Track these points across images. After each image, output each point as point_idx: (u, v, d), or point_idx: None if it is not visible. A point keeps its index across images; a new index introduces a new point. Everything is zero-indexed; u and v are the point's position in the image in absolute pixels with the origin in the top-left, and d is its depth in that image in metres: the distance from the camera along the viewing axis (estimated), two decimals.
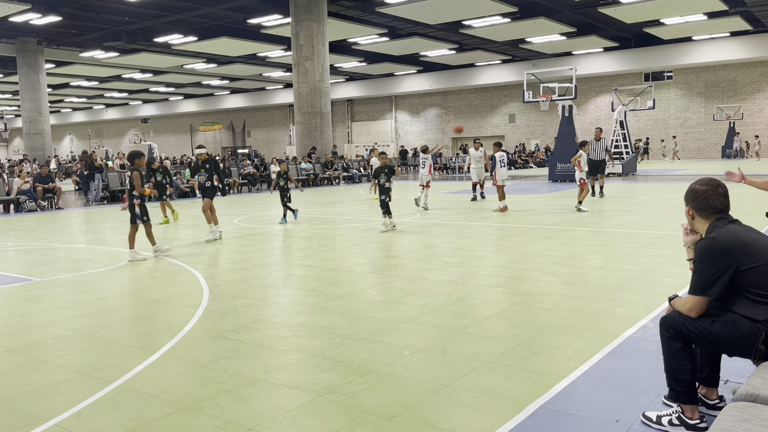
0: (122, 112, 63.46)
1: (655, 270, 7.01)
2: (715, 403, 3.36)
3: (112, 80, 43.92)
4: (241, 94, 54.74)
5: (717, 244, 3.04)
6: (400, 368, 4.12)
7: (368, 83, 48.13)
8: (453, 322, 5.13)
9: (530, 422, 3.29)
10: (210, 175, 10.69)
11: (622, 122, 27.71)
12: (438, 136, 48.21)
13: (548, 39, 33.17)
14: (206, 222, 10.70)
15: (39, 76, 33.01)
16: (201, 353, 4.56)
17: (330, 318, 5.39)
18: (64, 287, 7.14)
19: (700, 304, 3.07)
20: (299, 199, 17.87)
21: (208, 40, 30.31)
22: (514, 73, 40.68)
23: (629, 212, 12.63)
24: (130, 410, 3.58)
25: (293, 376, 4.04)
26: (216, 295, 6.40)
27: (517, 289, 6.29)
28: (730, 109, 36.99)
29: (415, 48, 35.21)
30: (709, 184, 3.19)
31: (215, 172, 10.72)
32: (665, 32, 32.76)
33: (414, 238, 10.11)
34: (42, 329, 5.34)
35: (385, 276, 7.11)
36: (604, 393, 3.63)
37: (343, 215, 14.05)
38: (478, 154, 16.29)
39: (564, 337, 4.69)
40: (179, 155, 50.80)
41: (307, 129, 27.22)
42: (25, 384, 4.07)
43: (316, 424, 3.33)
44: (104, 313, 5.85)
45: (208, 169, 10.71)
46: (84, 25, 28.01)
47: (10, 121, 57.83)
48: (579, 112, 34.57)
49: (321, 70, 26.46)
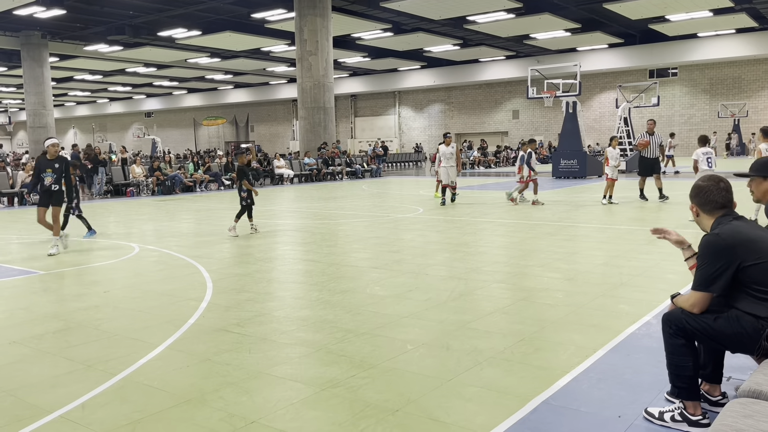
0: (126, 106, 63.50)
1: (658, 267, 7.01)
2: (717, 400, 3.36)
3: (116, 74, 43.96)
4: (245, 88, 54.72)
5: (720, 240, 3.04)
6: (403, 363, 4.14)
7: (372, 78, 48.06)
8: (456, 318, 5.14)
9: (532, 417, 3.30)
10: (59, 177, 8.94)
11: (626, 119, 27.65)
12: (441, 132, 48.11)
13: (553, 35, 33.07)
14: (53, 233, 9.01)
15: (43, 70, 33.05)
16: (205, 346, 4.57)
17: (333, 312, 5.41)
18: (69, 280, 7.16)
19: (703, 300, 3.07)
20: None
21: (211, 34, 30.30)
22: (518, 69, 40.57)
23: (635, 210, 12.61)
24: (134, 402, 3.60)
25: (296, 370, 4.06)
26: (220, 289, 6.41)
27: (520, 285, 6.29)
28: (735, 107, 36.86)
29: (419, 43, 35.15)
30: (710, 179, 3.22)
31: (64, 174, 9.01)
32: (670, 29, 32.64)
33: (417, 233, 10.12)
34: (47, 321, 5.37)
35: (388, 271, 7.12)
36: (607, 389, 3.64)
37: (346, 210, 14.06)
38: (449, 151, 14.39)
39: (566, 333, 4.70)
40: (183, 150, 50.92)
41: (310, 124, 27.21)
42: (30, 375, 4.09)
43: (319, 418, 3.34)
44: (108, 305, 5.87)
45: (57, 169, 8.92)
46: (88, 18, 28.01)
47: (14, 115, 58.08)
48: (583, 108, 34.47)
49: (325, 65, 26.44)
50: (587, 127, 36.35)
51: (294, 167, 25.63)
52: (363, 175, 27.93)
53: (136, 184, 20.13)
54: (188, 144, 59.67)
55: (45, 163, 8.93)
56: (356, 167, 27.81)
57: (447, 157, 14.37)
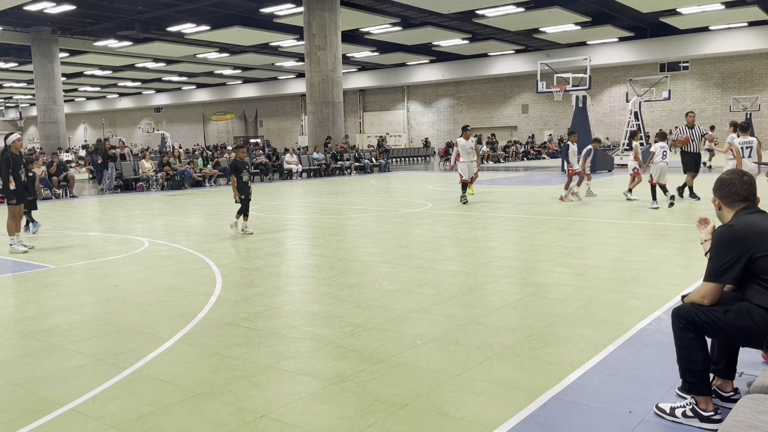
0: (135, 101, 63.76)
1: (669, 262, 6.96)
2: (729, 396, 3.34)
3: (126, 69, 44.11)
4: (254, 83, 54.78)
5: (733, 231, 3.04)
6: (412, 357, 4.13)
7: (380, 73, 47.96)
8: (465, 313, 5.13)
9: (542, 412, 3.28)
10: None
11: (637, 113, 27.43)
12: (450, 127, 48.04)
13: (563, 29, 32.84)
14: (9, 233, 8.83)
15: (53, 65, 33.21)
16: (214, 340, 4.59)
17: (342, 307, 5.41)
18: (79, 274, 7.21)
19: (714, 291, 3.05)
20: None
21: (220, 29, 30.32)
22: (527, 63, 40.34)
23: (644, 204, 12.52)
24: (144, 396, 3.62)
25: (306, 364, 4.06)
26: (229, 284, 6.43)
27: (530, 280, 6.27)
28: (747, 100, 36.50)
29: (427, 37, 35.01)
30: (734, 173, 3.22)
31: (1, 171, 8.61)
32: (682, 22, 32.33)
33: (426, 228, 10.10)
34: (57, 315, 5.40)
35: (397, 266, 7.11)
36: (617, 384, 3.62)
37: (355, 205, 14.06)
38: (469, 145, 13.61)
39: (576, 328, 4.68)
40: (192, 144, 51.09)
41: (319, 119, 27.21)
42: (41, 369, 4.12)
43: (328, 412, 3.34)
44: (118, 300, 5.90)
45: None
46: (98, 14, 28.11)
47: (25, 110, 58.42)
48: (593, 102, 34.27)
49: (333, 59, 26.40)
50: (597, 122, 36.10)
51: (302, 162, 25.65)
52: (371, 170, 27.90)
53: (145, 179, 20.22)
54: (197, 139, 59.87)
55: (19, 160, 8.84)
56: (365, 162, 27.78)
57: (467, 151, 13.58)
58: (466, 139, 13.61)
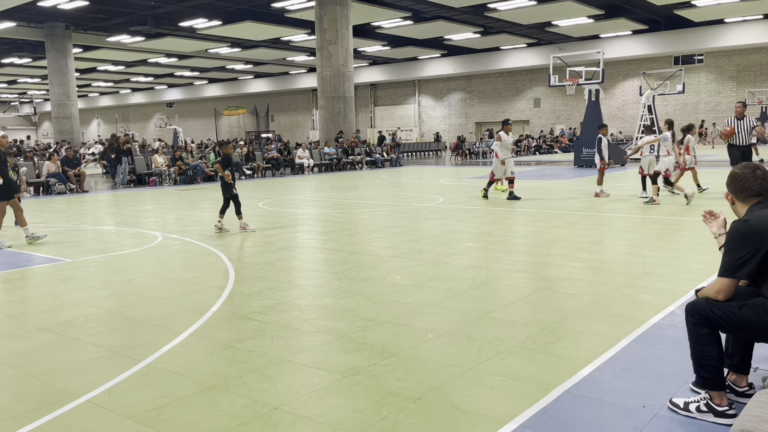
0: (148, 96, 64.10)
1: (683, 256, 6.91)
2: (744, 390, 3.32)
3: (138, 65, 44.36)
4: (265, 78, 54.87)
5: (748, 226, 3.01)
6: (424, 351, 4.14)
7: (392, 67, 47.86)
8: (477, 307, 5.13)
9: (555, 406, 3.28)
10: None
11: (650, 107, 27.19)
12: (462, 121, 47.87)
13: (575, 22, 32.58)
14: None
15: (67, 61, 33.44)
16: (227, 333, 4.62)
17: (354, 301, 5.43)
18: (94, 268, 7.28)
19: (729, 286, 3.03)
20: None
21: (232, 24, 30.38)
22: (539, 56, 40.08)
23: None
24: (159, 388, 3.66)
25: (318, 357, 4.08)
26: (241, 277, 6.47)
27: (542, 275, 6.25)
28: (763, 94, 36.05)
29: (439, 31, 34.88)
30: (747, 167, 3.19)
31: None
32: (696, 14, 31.96)
33: (437, 222, 10.09)
34: (73, 308, 5.46)
35: (409, 260, 7.12)
36: (630, 379, 3.61)
37: (366, 200, 14.07)
38: (510, 140, 13.27)
39: (589, 322, 4.66)
40: (204, 139, 51.31)
41: (330, 113, 27.22)
42: (57, 361, 4.17)
43: (341, 405, 3.36)
44: (133, 293, 5.96)
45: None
46: (110, 9, 28.26)
47: (39, 105, 58.86)
48: (606, 96, 34.00)
49: (344, 54, 26.37)
50: (610, 116, 35.80)
51: (314, 157, 25.69)
52: (383, 164, 27.89)
53: (158, 174, 20.34)
54: (209, 134, 60.12)
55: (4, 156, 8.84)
56: (376, 156, 27.77)
57: (508, 147, 13.00)
58: (507, 133, 13.05)
